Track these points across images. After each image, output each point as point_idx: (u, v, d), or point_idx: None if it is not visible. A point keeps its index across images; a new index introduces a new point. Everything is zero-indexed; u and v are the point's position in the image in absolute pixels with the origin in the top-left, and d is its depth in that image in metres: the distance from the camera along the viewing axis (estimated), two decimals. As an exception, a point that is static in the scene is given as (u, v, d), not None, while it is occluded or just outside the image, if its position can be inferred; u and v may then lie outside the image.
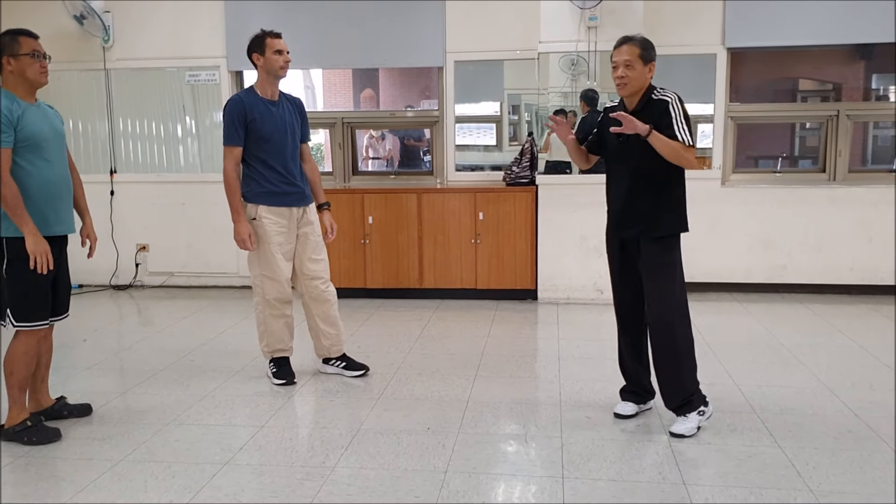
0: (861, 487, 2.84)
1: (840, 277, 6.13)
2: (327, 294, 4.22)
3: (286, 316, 4.14)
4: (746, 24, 6.08)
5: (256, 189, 4.00)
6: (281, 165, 4.01)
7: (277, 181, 4.00)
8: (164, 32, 6.68)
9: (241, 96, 4.00)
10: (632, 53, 3.25)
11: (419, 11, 6.40)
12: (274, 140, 3.98)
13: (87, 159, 6.95)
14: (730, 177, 6.33)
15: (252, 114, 3.93)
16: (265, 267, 4.03)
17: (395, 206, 6.18)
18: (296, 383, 4.12)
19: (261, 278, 4.06)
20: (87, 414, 3.66)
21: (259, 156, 3.98)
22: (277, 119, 4.01)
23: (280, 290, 4.06)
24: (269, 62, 3.98)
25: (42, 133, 3.31)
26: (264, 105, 3.99)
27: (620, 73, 3.26)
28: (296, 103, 4.20)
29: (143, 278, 6.96)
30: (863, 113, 6.51)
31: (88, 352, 4.87)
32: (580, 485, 2.88)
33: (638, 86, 3.28)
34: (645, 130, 3.16)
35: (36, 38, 3.36)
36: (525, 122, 6.74)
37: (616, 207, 3.44)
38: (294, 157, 4.10)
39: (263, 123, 3.95)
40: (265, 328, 4.14)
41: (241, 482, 2.93)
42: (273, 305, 4.08)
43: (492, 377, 4.21)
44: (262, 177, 3.98)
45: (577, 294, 6.03)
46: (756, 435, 3.34)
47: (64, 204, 3.42)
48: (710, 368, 4.20)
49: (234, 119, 3.92)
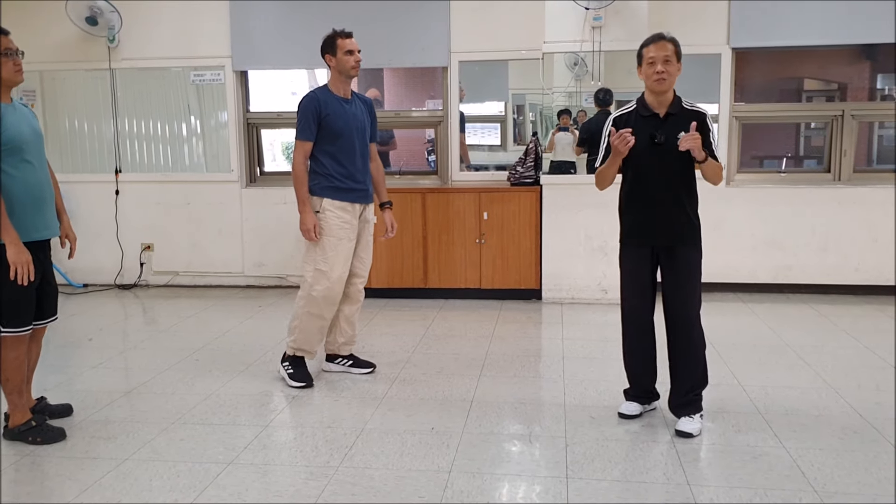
0: (866, 488, 2.83)
1: (845, 278, 6.12)
2: (360, 295, 4.29)
3: (324, 319, 4.12)
4: (751, 23, 6.07)
5: (324, 183, 4.02)
6: (350, 162, 4.05)
7: (344, 177, 4.03)
8: (169, 32, 6.69)
9: (316, 93, 4.05)
10: (669, 49, 3.26)
11: (423, 11, 6.40)
12: (345, 136, 4.02)
13: (92, 159, 6.98)
14: (735, 177, 6.32)
15: (326, 109, 3.98)
16: (321, 260, 4.02)
17: (400, 206, 6.16)
18: (314, 386, 4.08)
19: (314, 273, 4.04)
20: (67, 414, 3.63)
21: (329, 151, 4.01)
22: (350, 116, 4.05)
23: (329, 288, 4.03)
24: (341, 62, 4.02)
25: (22, 135, 3.19)
26: (338, 102, 4.03)
27: (660, 68, 3.24)
28: (367, 103, 4.25)
29: (147, 278, 6.97)
30: (868, 113, 6.49)
31: (94, 351, 4.88)
32: (584, 485, 2.88)
33: (672, 83, 3.30)
34: (702, 156, 3.21)
35: (7, 35, 3.18)
36: (530, 123, 6.74)
37: (650, 215, 3.37)
38: (364, 155, 4.14)
39: (336, 120, 3.99)
40: (299, 324, 4.10)
41: (245, 482, 2.94)
42: (317, 303, 4.04)
43: (496, 377, 4.21)
44: (329, 172, 4.01)
45: (581, 294, 6.03)
46: (761, 435, 3.33)
47: (48, 207, 3.35)
48: (716, 369, 4.17)
49: (309, 114, 3.97)
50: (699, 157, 3.20)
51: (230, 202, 6.81)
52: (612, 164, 3.37)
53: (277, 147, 7.73)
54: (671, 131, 3.25)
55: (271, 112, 6.95)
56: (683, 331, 3.39)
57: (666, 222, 3.34)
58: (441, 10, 6.37)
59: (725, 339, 4.86)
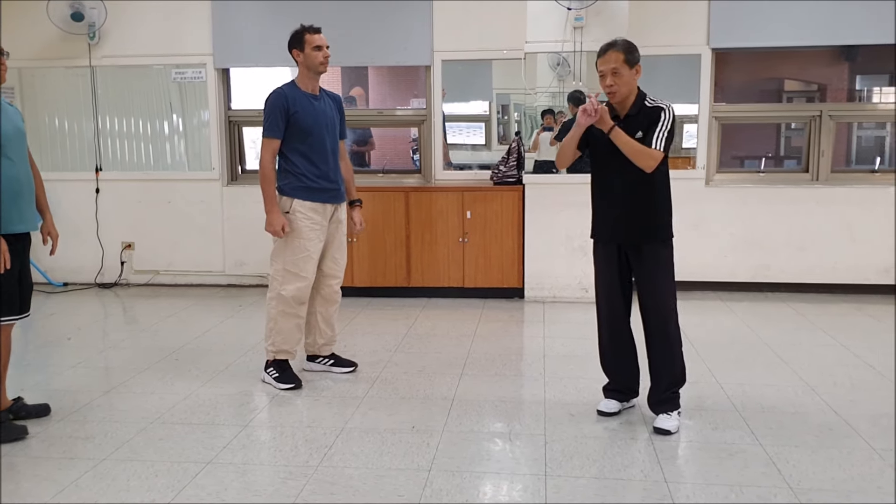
0: (840, 485, 2.87)
1: (823, 277, 6.19)
2: (337, 295, 4.25)
3: (299, 317, 4.07)
4: (731, 24, 6.11)
5: (295, 183, 3.97)
6: (322, 161, 4.00)
7: (317, 177, 3.99)
8: (150, 30, 6.65)
9: (283, 89, 3.99)
10: (617, 60, 3.26)
11: (406, 11, 6.40)
12: (315, 134, 3.97)
13: (72, 157, 6.92)
14: (714, 176, 6.37)
15: (294, 107, 3.93)
16: (290, 262, 3.97)
17: (383, 205, 6.18)
18: (302, 387, 4.05)
19: (283, 273, 3.99)
20: (45, 414, 3.61)
21: (300, 149, 3.96)
22: (319, 113, 4.00)
23: (300, 289, 4.00)
24: (309, 58, 3.97)
25: (5, 132, 3.27)
26: (306, 99, 3.98)
27: (609, 81, 3.28)
28: (336, 99, 4.20)
29: (128, 276, 6.93)
30: (845, 114, 6.56)
31: (73, 350, 4.84)
32: (563, 483, 2.90)
33: (627, 91, 3.31)
34: (607, 127, 3.23)
35: None
36: (515, 122, 6.76)
37: (614, 213, 3.42)
38: (334, 153, 4.09)
39: (305, 117, 3.94)
40: (274, 325, 4.05)
41: (224, 481, 2.93)
42: (289, 303, 4.01)
43: (477, 376, 4.23)
44: (300, 171, 3.96)
45: (563, 293, 6.05)
46: (738, 433, 3.37)
47: (27, 202, 3.39)
48: (694, 367, 4.21)
49: (276, 111, 3.92)
50: (604, 129, 3.24)
51: (211, 200, 6.78)
52: (572, 137, 3.42)
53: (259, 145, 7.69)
54: (628, 132, 3.29)
55: (253, 110, 6.91)
56: (657, 326, 3.41)
57: (629, 221, 3.38)
58: (424, 10, 6.38)
59: (704, 337, 4.90)
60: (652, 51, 3.40)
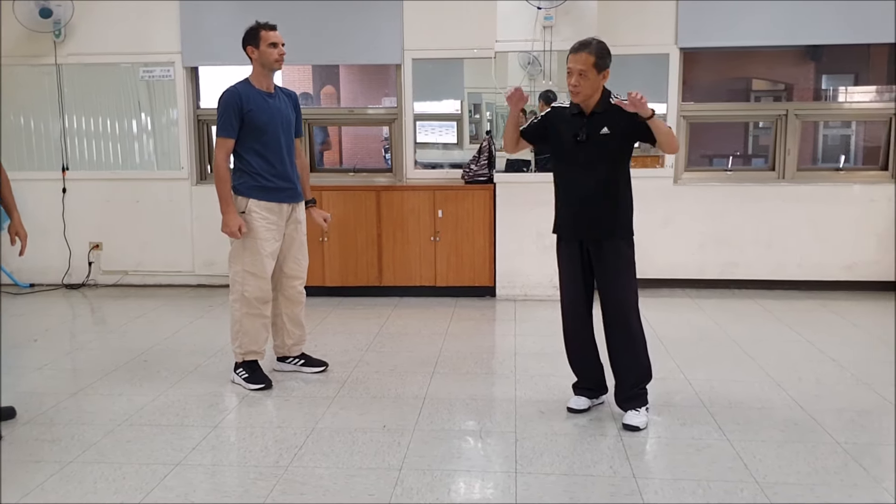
0: (805, 478, 2.92)
1: (789, 273, 6.29)
2: (301, 296, 4.22)
3: (264, 316, 4.05)
4: (699, 24, 6.18)
5: (250, 182, 3.92)
6: (277, 159, 3.95)
7: (272, 175, 3.94)
8: (117, 27, 6.56)
9: (237, 87, 3.92)
10: (586, 62, 3.28)
11: (377, 9, 6.37)
12: (270, 132, 3.91)
13: (38, 156, 6.81)
14: (682, 175, 6.43)
15: (248, 105, 3.86)
16: (250, 263, 3.94)
17: (354, 204, 6.17)
18: (273, 387, 4.03)
19: (243, 275, 3.96)
20: (10, 417, 3.55)
21: (255, 148, 3.90)
22: (274, 111, 3.95)
23: (262, 289, 3.98)
24: (264, 55, 3.92)
25: None
26: (261, 97, 3.92)
27: (574, 81, 3.30)
28: (292, 97, 4.15)
29: (96, 277, 6.84)
30: (810, 112, 6.65)
31: (39, 352, 4.77)
32: (532, 479, 2.92)
33: (590, 93, 3.34)
34: (649, 112, 3.21)
35: None
36: (487, 121, 6.77)
37: (576, 210, 3.46)
38: (290, 152, 4.04)
39: (260, 115, 3.89)
40: (240, 328, 4.02)
41: (192, 483, 2.91)
42: (252, 304, 3.98)
43: (449, 374, 4.24)
44: (256, 170, 3.91)
45: (534, 291, 6.08)
46: (705, 428, 3.41)
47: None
48: (662, 363, 4.27)
49: (230, 109, 3.84)
50: (645, 114, 3.22)
51: (180, 200, 6.72)
52: (509, 123, 3.54)
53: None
54: (594, 129, 3.34)
55: (223, 109, 6.86)
56: (619, 324, 3.44)
57: (591, 217, 3.41)
58: (394, 8, 6.36)
59: (673, 333, 4.95)
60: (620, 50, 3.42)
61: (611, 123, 3.30)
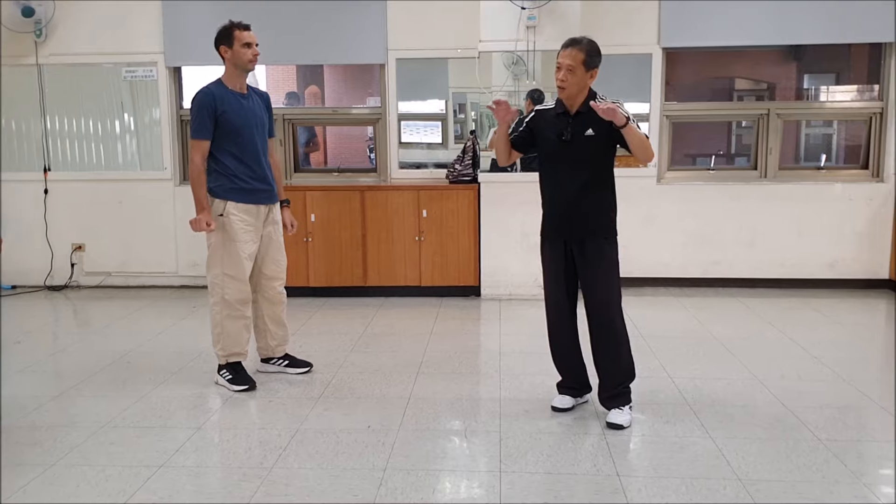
0: (787, 475, 2.94)
1: (771, 272, 6.34)
2: (282, 296, 4.20)
3: (245, 317, 4.04)
4: (681, 24, 6.21)
5: (227, 185, 3.90)
6: (254, 161, 3.93)
7: (248, 177, 3.92)
8: (99, 27, 6.52)
9: (210, 88, 3.90)
10: (575, 59, 3.30)
11: (360, 9, 6.37)
12: (245, 134, 3.90)
13: (20, 157, 6.74)
14: (665, 174, 6.47)
15: (222, 106, 3.84)
16: (229, 266, 3.92)
17: (338, 204, 6.16)
18: (256, 388, 4.01)
19: (222, 277, 3.94)
20: None
21: (230, 150, 3.89)
22: (248, 112, 3.93)
23: (242, 290, 3.97)
24: (238, 55, 3.90)
25: None
26: (234, 97, 3.91)
27: (562, 76, 3.32)
28: (264, 97, 4.14)
29: (79, 279, 6.79)
30: (792, 112, 6.70)
31: (21, 354, 4.73)
32: (517, 478, 2.93)
33: (577, 90, 3.35)
34: (622, 120, 3.16)
35: None
36: (472, 121, 6.78)
37: (560, 210, 3.47)
38: (265, 153, 4.03)
39: (234, 116, 3.87)
40: (221, 330, 4.00)
41: (176, 484, 2.90)
42: (233, 306, 3.96)
43: (434, 374, 4.24)
44: (232, 172, 3.89)
45: (518, 290, 6.10)
46: (689, 426, 3.43)
47: None
48: (646, 362, 4.29)
49: (204, 111, 3.82)
50: (618, 123, 3.18)
51: (163, 200, 6.68)
52: (497, 133, 3.54)
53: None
54: (578, 129, 3.35)
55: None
56: (602, 323, 3.46)
57: (575, 217, 3.43)
58: (378, 8, 6.36)
59: (656, 332, 4.97)
60: (604, 50, 3.43)
61: (595, 124, 3.31)
